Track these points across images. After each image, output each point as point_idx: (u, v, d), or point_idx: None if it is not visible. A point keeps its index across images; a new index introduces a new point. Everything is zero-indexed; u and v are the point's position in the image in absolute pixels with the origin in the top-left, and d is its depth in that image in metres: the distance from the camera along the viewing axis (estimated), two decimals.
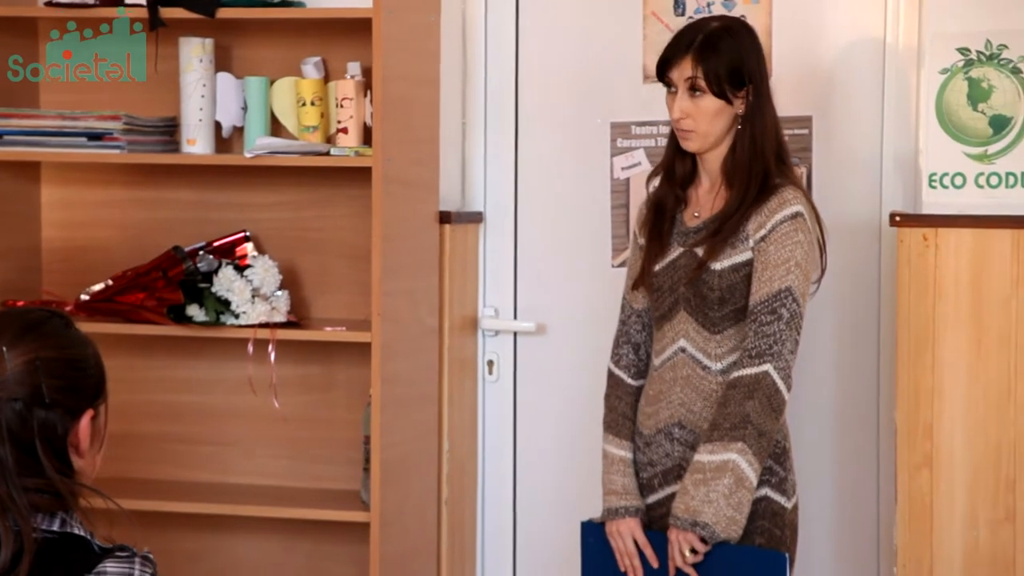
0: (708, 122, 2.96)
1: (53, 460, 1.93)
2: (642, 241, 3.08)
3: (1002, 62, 3.34)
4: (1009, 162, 3.33)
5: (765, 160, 2.97)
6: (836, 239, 3.49)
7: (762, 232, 2.93)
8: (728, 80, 2.95)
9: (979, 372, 3.29)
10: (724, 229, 2.95)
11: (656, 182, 3.10)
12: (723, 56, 2.95)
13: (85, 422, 1.98)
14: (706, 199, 3.03)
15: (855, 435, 3.63)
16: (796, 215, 2.92)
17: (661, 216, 3.05)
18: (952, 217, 3.31)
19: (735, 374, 2.89)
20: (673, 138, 3.05)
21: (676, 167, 3.05)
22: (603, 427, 3.09)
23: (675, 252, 3.02)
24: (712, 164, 3.02)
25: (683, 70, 2.96)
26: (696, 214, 3.03)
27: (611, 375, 3.12)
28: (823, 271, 3.02)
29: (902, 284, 3.33)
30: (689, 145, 3.00)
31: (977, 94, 3.35)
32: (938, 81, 3.36)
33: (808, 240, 2.93)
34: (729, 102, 2.96)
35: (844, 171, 3.61)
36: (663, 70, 2.99)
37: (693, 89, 2.96)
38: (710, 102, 2.95)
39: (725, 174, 3.00)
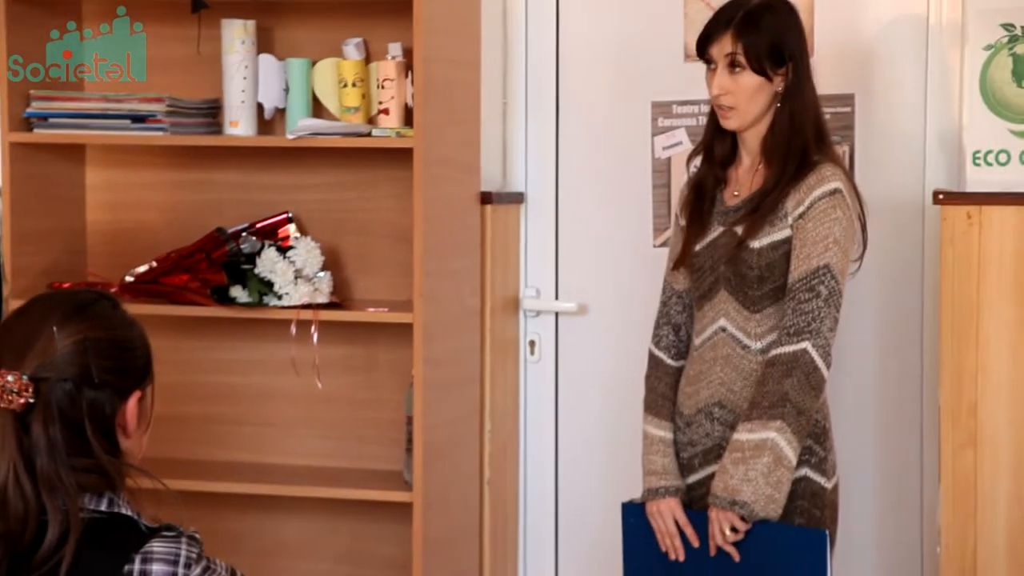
0: (747, 99, 2.95)
1: (101, 440, 1.95)
2: (683, 222, 3.08)
3: None
4: None
5: (804, 138, 2.96)
6: (879, 217, 3.46)
7: (800, 209, 2.92)
8: (768, 57, 2.94)
9: (1023, 351, 3.27)
10: (763, 207, 2.94)
11: (697, 162, 3.10)
12: (763, 33, 2.94)
13: (132, 403, 2.00)
14: (745, 178, 3.02)
15: (899, 414, 3.62)
16: (835, 192, 2.91)
17: (701, 196, 3.04)
18: (996, 195, 3.29)
19: (773, 352, 2.89)
20: (713, 117, 3.04)
21: (716, 147, 3.05)
22: (643, 408, 3.10)
23: (715, 231, 3.01)
24: (752, 143, 3.01)
25: (723, 46, 2.95)
26: (736, 193, 3.02)
27: (651, 356, 3.12)
28: (864, 248, 3.01)
29: (946, 262, 3.31)
30: (728, 123, 2.99)
31: (1022, 70, 3.32)
32: (982, 57, 3.33)
33: (847, 216, 2.92)
34: (769, 79, 2.95)
35: (887, 149, 3.59)
36: (703, 46, 2.98)
37: (733, 65, 2.95)
38: (749, 79, 2.95)
39: (764, 152, 2.99)
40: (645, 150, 3.75)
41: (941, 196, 3.33)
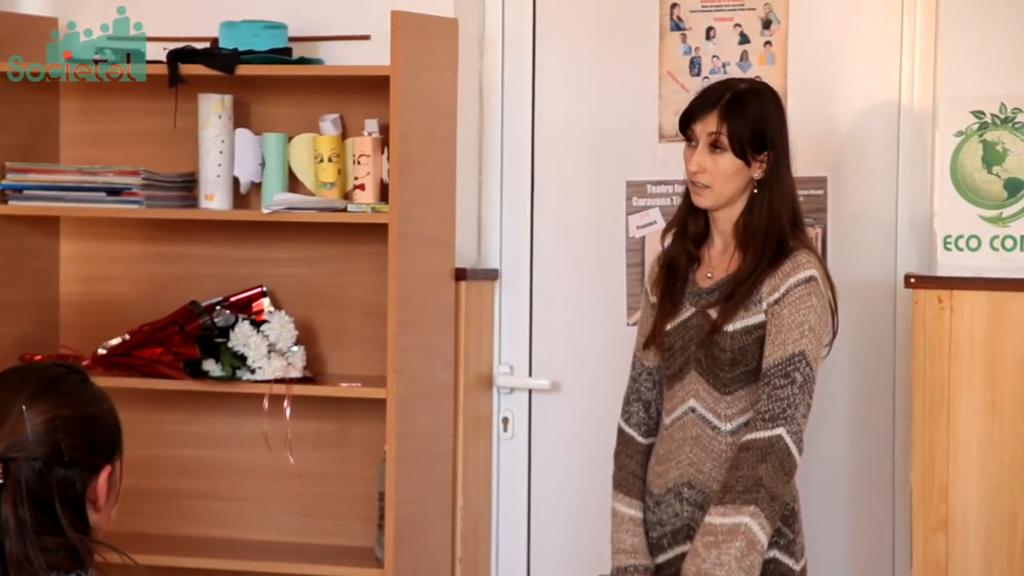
0: (724, 180, 2.97)
1: (72, 518, 1.94)
2: (653, 299, 3.09)
3: (1016, 125, 3.35)
4: None
5: (781, 225, 2.98)
6: (851, 300, 3.49)
7: (776, 295, 2.93)
8: (750, 142, 2.96)
9: (994, 435, 3.29)
10: (738, 292, 2.95)
11: (669, 238, 3.11)
12: (748, 118, 2.96)
13: (103, 478, 1.99)
14: (719, 260, 3.04)
15: (870, 497, 3.62)
16: (810, 279, 2.93)
17: (673, 275, 3.06)
18: (967, 279, 3.31)
19: (748, 437, 2.89)
20: (687, 196, 3.06)
21: (689, 225, 3.06)
22: (613, 485, 3.10)
23: (687, 312, 3.02)
24: (724, 225, 3.03)
25: (707, 124, 2.97)
26: (709, 275, 3.03)
27: (621, 433, 3.12)
28: (835, 334, 3.03)
29: (917, 346, 3.33)
30: (702, 201, 3.01)
31: (992, 157, 3.36)
32: (953, 144, 3.37)
33: (821, 304, 2.94)
34: (747, 163, 2.97)
35: (859, 232, 3.61)
36: (687, 122, 3.00)
37: (714, 146, 2.97)
38: (728, 161, 2.97)
39: (738, 237, 3.00)
40: (619, 229, 3.76)
41: (913, 280, 3.35)
